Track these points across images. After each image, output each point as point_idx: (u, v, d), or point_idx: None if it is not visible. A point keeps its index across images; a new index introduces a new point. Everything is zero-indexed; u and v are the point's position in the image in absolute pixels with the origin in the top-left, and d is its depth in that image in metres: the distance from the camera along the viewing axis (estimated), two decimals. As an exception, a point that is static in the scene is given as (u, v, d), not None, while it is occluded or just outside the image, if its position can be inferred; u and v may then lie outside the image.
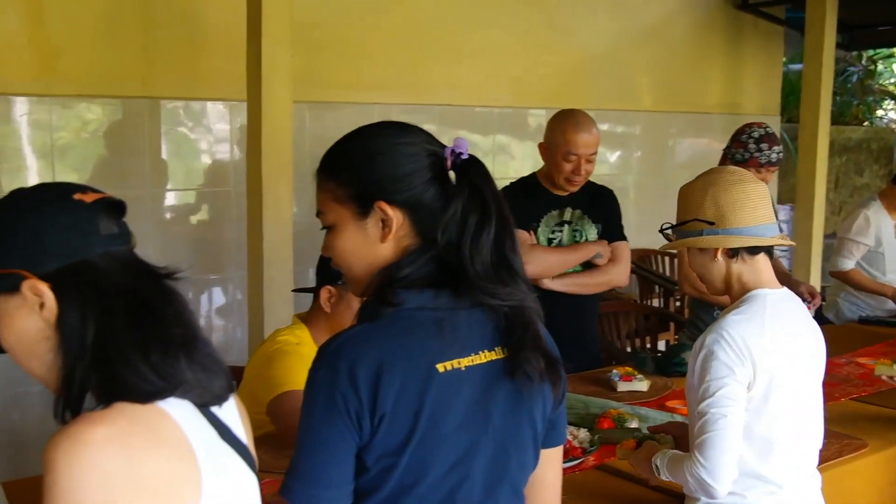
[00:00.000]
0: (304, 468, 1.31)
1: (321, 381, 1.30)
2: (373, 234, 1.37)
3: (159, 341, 1.16)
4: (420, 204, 1.36)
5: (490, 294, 1.34)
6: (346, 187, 1.37)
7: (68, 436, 1.06)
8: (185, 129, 4.11)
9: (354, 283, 1.42)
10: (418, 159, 1.36)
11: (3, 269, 1.16)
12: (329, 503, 1.31)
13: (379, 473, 1.31)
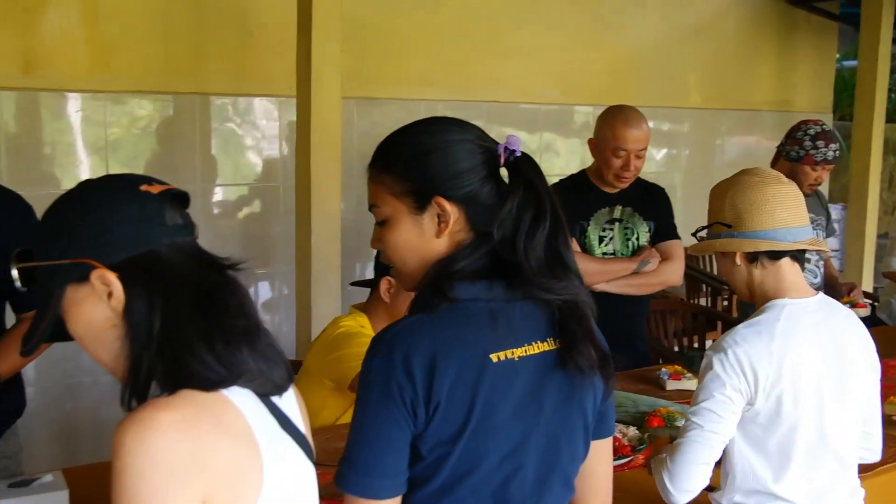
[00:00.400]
0: (359, 456, 1.32)
1: (376, 370, 1.31)
2: (428, 229, 1.38)
3: (223, 331, 1.17)
4: (476, 200, 1.37)
5: (544, 288, 1.35)
6: (405, 182, 1.37)
7: (137, 420, 1.08)
8: (234, 124, 4.16)
9: (406, 277, 1.43)
10: (475, 156, 1.38)
11: (73, 259, 1.18)
12: (383, 491, 1.32)
13: (433, 462, 1.32)
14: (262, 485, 1.15)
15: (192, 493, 1.08)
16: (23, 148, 3.65)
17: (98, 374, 3.94)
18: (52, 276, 1.20)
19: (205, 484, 1.09)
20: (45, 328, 1.22)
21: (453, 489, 1.33)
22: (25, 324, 2.17)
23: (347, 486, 1.32)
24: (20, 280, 1.25)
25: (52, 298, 1.20)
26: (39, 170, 3.68)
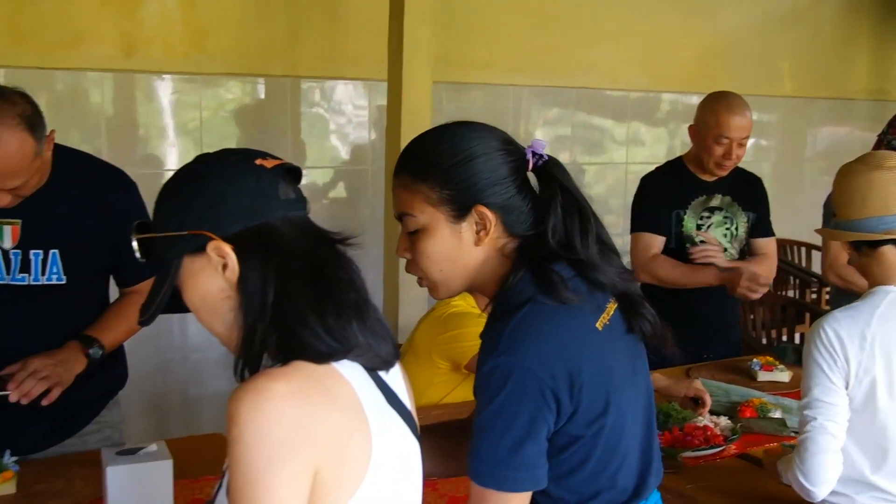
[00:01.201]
0: (495, 452, 1.30)
1: (506, 367, 1.29)
2: (467, 238, 1.37)
3: (334, 304, 1.18)
4: (513, 206, 1.37)
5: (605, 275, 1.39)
6: (445, 190, 1.35)
7: (252, 389, 1.10)
8: (324, 107, 4.21)
9: (442, 286, 1.42)
10: (509, 163, 1.38)
11: (190, 231, 1.20)
12: (522, 483, 1.31)
13: (591, 438, 1.34)
14: (371, 457, 1.16)
15: (304, 461, 1.09)
16: (121, 128, 3.76)
17: (187, 352, 4.05)
18: (170, 248, 1.22)
19: (316, 453, 1.11)
20: (162, 298, 1.24)
21: (608, 464, 1.37)
22: (128, 297, 2.24)
23: (485, 480, 1.31)
24: (139, 251, 1.28)
25: (169, 269, 1.23)
26: (136, 150, 3.78)
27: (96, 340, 2.11)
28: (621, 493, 1.41)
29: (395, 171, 1.42)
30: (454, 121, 1.44)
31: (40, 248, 2.04)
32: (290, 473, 1.08)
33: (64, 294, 2.09)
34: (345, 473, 1.14)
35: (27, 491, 1.94)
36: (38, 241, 2.04)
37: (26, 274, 2.05)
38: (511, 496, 1.32)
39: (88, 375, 2.12)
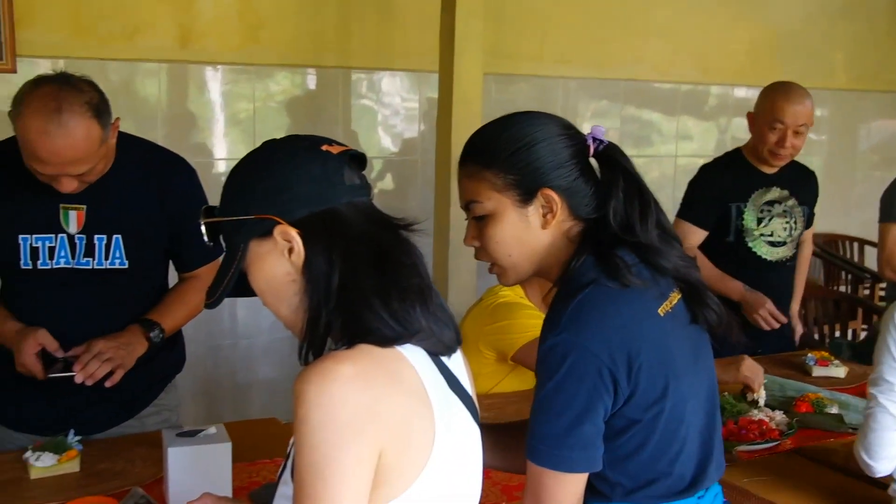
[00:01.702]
0: (553, 431, 1.33)
1: (566, 345, 1.32)
2: (534, 221, 1.40)
3: (398, 289, 1.19)
4: (577, 189, 1.40)
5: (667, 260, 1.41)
6: (510, 175, 1.39)
7: (319, 371, 1.12)
8: (375, 98, 4.23)
9: (511, 271, 1.45)
10: (570, 147, 1.41)
11: (258, 215, 1.22)
12: (578, 464, 1.33)
13: (649, 422, 1.35)
14: (434, 441, 1.17)
15: (369, 443, 1.11)
16: (175, 118, 3.81)
17: (236, 339, 4.10)
18: (237, 231, 1.24)
19: (381, 436, 1.12)
20: (228, 282, 1.26)
21: (667, 448, 1.37)
22: (188, 283, 2.28)
23: (542, 459, 1.34)
24: (206, 235, 1.30)
25: (236, 253, 1.25)
26: (190, 139, 3.83)
27: (157, 324, 2.15)
28: (679, 482, 1.41)
29: (460, 162, 1.45)
30: (513, 112, 1.47)
31: (104, 233, 2.08)
32: (355, 454, 1.10)
33: (126, 278, 2.13)
34: (409, 456, 1.15)
35: (90, 470, 1.98)
36: (102, 226, 2.08)
37: (90, 258, 2.09)
38: (567, 476, 1.34)
39: (149, 358, 2.16)
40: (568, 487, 1.34)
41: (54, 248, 2.06)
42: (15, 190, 2.06)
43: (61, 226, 2.06)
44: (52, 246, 2.06)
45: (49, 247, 2.06)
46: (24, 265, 2.06)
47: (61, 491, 1.87)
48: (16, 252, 2.05)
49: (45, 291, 2.10)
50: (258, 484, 1.92)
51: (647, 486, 1.39)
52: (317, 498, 1.09)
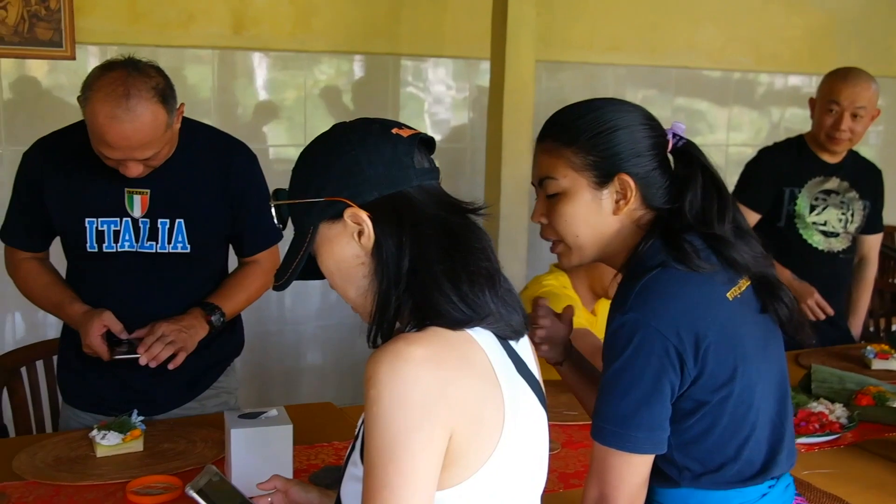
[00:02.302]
0: (619, 411, 1.33)
1: (633, 324, 1.32)
2: (606, 205, 1.42)
3: (467, 273, 1.19)
4: (653, 179, 1.42)
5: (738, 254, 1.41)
6: (590, 156, 1.40)
7: (391, 352, 1.12)
8: (424, 85, 4.23)
9: (576, 252, 1.46)
10: (651, 138, 1.43)
11: (328, 198, 1.23)
12: (643, 445, 1.33)
13: (716, 405, 1.35)
14: (504, 424, 1.17)
15: (441, 424, 1.11)
16: (228, 104, 3.85)
17: (285, 325, 4.14)
18: (308, 214, 1.25)
19: (452, 417, 1.12)
20: (297, 265, 1.27)
21: (737, 431, 1.37)
22: (248, 268, 2.30)
23: (607, 439, 1.34)
24: (276, 218, 1.31)
25: (306, 236, 1.26)
26: (242, 125, 3.86)
27: (218, 308, 2.17)
28: (748, 467, 1.40)
29: (539, 137, 1.47)
30: (603, 97, 1.49)
31: (167, 217, 2.11)
32: (426, 435, 1.10)
33: (188, 262, 2.16)
34: (479, 439, 1.15)
35: (153, 449, 2.01)
36: (166, 210, 2.11)
37: (154, 242, 2.12)
38: (632, 457, 1.34)
39: (210, 342, 2.19)
40: (633, 469, 1.34)
41: (119, 231, 2.10)
42: (82, 174, 2.10)
43: (126, 210, 2.10)
44: (116, 229, 2.10)
45: (114, 230, 2.10)
46: (90, 248, 2.10)
47: (126, 469, 1.90)
48: (82, 235, 2.09)
49: (109, 274, 2.13)
50: (317, 467, 1.94)
51: (715, 471, 1.38)
52: (387, 479, 1.09)
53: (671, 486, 1.40)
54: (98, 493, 1.80)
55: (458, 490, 1.15)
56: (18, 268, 2.25)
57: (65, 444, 2.04)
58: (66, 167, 2.11)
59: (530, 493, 1.26)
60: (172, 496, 1.78)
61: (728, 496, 1.39)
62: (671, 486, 1.41)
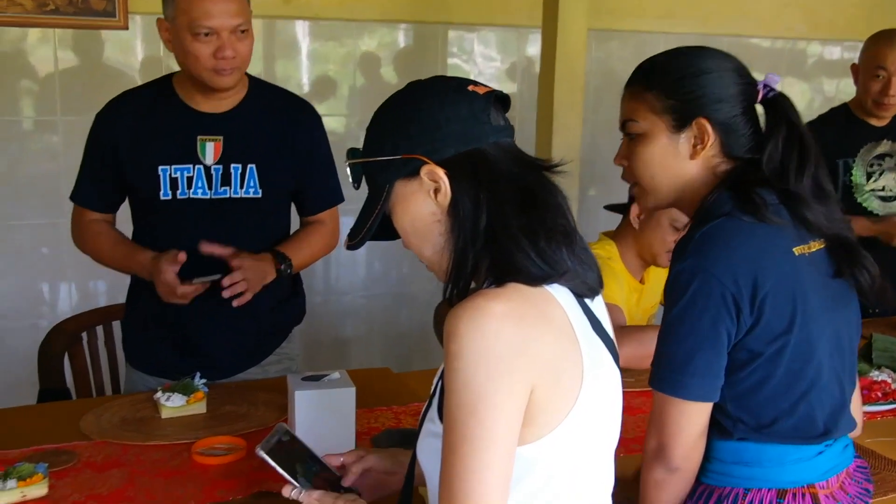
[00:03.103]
0: (675, 357, 1.35)
1: (691, 270, 1.33)
2: (683, 150, 1.42)
3: (545, 230, 1.19)
4: (734, 128, 1.41)
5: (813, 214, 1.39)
6: (669, 99, 1.41)
7: (472, 307, 1.12)
8: (474, 54, 4.20)
9: (651, 195, 1.48)
10: (738, 85, 1.42)
11: (405, 155, 1.22)
12: (696, 392, 1.34)
13: (771, 357, 1.34)
14: (582, 381, 1.17)
15: (521, 381, 1.11)
16: (277, 72, 3.84)
17: (329, 295, 4.16)
18: (384, 172, 1.25)
19: (533, 373, 1.12)
20: (372, 223, 1.27)
21: (792, 386, 1.36)
22: (311, 226, 2.35)
23: (663, 385, 1.36)
24: (351, 177, 1.31)
25: (381, 194, 1.25)
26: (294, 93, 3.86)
27: (287, 258, 2.21)
28: (805, 424, 1.39)
29: (627, 82, 1.49)
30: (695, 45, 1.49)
31: (239, 162, 2.16)
32: (507, 389, 1.10)
33: (258, 208, 2.19)
34: (558, 395, 1.16)
35: (216, 412, 2.04)
36: (238, 156, 2.16)
37: (227, 187, 2.16)
38: (688, 405, 1.35)
39: (274, 307, 2.22)
40: (690, 418, 1.35)
41: (192, 178, 2.14)
42: (154, 125, 2.15)
43: (198, 157, 2.14)
44: (189, 176, 2.14)
45: (187, 177, 2.14)
46: (163, 196, 2.14)
47: (190, 430, 1.93)
48: (156, 183, 2.13)
49: (183, 221, 2.17)
50: (378, 430, 1.95)
51: (769, 425, 1.38)
52: (469, 434, 1.10)
53: (725, 437, 1.41)
54: (164, 453, 1.83)
55: (537, 446, 1.15)
56: (87, 228, 2.29)
57: (130, 406, 2.07)
58: (139, 120, 2.16)
59: (605, 450, 1.26)
60: (237, 457, 1.80)
61: (782, 451, 1.39)
62: (725, 438, 1.41)
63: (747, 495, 1.38)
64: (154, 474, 1.73)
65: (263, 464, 1.74)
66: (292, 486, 1.39)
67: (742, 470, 1.40)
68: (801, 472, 1.39)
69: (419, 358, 4.01)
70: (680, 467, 1.38)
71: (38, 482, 1.62)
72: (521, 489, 1.16)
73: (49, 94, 3.52)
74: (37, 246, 3.62)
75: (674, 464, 1.37)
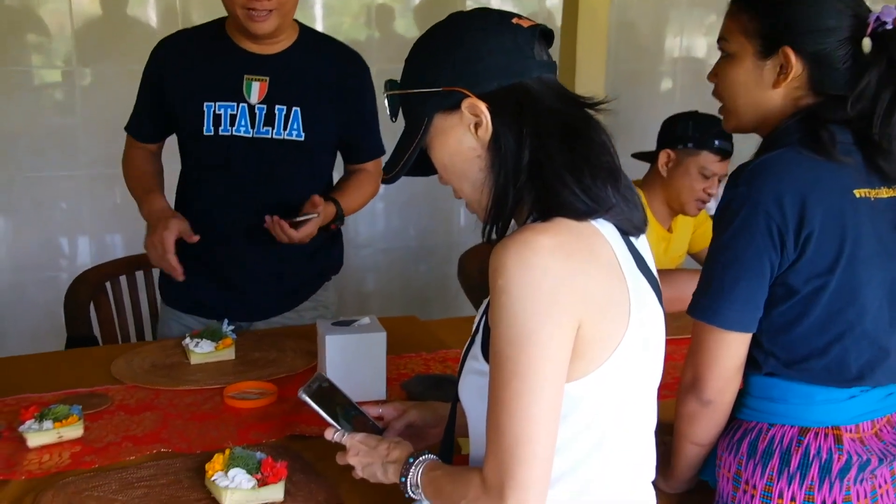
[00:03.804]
0: (716, 284, 1.33)
1: (741, 197, 1.31)
2: (767, 77, 1.38)
3: (589, 166, 1.16)
4: (826, 61, 1.35)
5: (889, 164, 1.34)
6: (759, 23, 1.37)
7: (519, 241, 1.10)
8: (494, 4, 4.15)
9: (730, 117, 1.46)
10: (842, 17, 1.35)
11: (445, 87, 1.19)
12: (735, 322, 1.33)
13: (808, 295, 1.32)
14: (629, 318, 1.16)
15: (569, 314, 1.09)
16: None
17: (349, 249, 4.14)
18: (423, 105, 1.21)
19: (580, 308, 1.10)
20: (409, 157, 1.23)
21: (827, 326, 1.33)
22: (355, 174, 2.34)
23: (702, 313, 1.35)
24: (389, 110, 1.27)
25: (419, 127, 1.22)
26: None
27: (338, 202, 2.22)
28: (837, 366, 1.35)
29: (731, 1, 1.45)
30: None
31: (284, 104, 2.14)
32: (556, 324, 1.08)
33: (300, 152, 2.17)
34: (605, 331, 1.14)
35: (244, 358, 2.04)
36: (283, 97, 2.14)
37: (270, 127, 2.14)
38: (726, 335, 1.34)
39: (314, 252, 2.22)
40: (727, 350, 1.34)
41: (235, 116, 2.12)
42: (203, 63, 2.15)
43: (244, 95, 2.13)
44: (233, 114, 2.12)
45: (231, 114, 2.12)
46: (206, 131, 2.13)
47: (220, 375, 1.94)
48: (200, 118, 2.12)
49: (224, 158, 2.15)
50: (407, 376, 1.95)
51: (800, 362, 1.36)
52: (517, 370, 1.08)
53: (755, 371, 1.39)
54: (196, 398, 1.83)
55: (583, 383, 1.14)
56: (127, 154, 2.32)
57: (159, 352, 2.08)
58: (188, 57, 2.17)
59: (649, 388, 1.25)
60: (269, 401, 1.81)
61: (809, 390, 1.37)
62: (755, 372, 1.39)
63: (770, 430, 1.37)
64: (187, 417, 1.74)
65: (296, 408, 1.76)
66: (335, 430, 1.39)
67: (768, 405, 1.39)
68: (826, 414, 1.37)
69: (439, 311, 4.01)
70: (713, 400, 1.37)
71: (74, 423, 1.62)
72: (567, 426, 1.15)
73: (65, 45, 3.50)
74: (55, 199, 3.61)
75: (707, 396, 1.37)
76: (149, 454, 1.58)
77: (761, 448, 1.37)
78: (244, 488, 1.39)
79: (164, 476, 1.50)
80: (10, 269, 3.57)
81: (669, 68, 4.34)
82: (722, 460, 1.42)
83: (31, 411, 1.62)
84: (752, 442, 1.38)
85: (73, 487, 1.45)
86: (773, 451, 1.36)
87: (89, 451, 1.59)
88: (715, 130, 2.47)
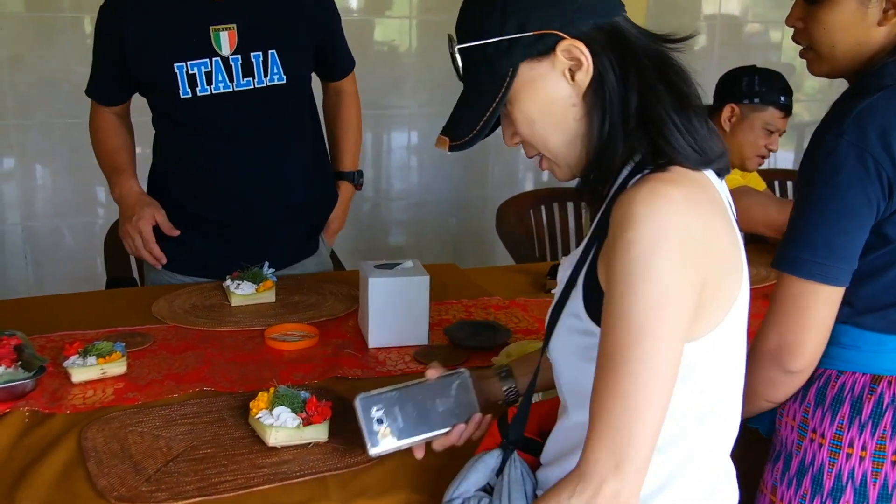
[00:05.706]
0: (810, 235, 1.25)
1: (847, 145, 1.22)
2: (873, 14, 1.29)
3: (692, 107, 1.08)
4: None
5: None
6: None
7: (649, 192, 1.00)
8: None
9: (827, 61, 1.35)
10: None
11: (538, 31, 1.07)
12: (836, 277, 1.25)
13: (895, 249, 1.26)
14: (742, 274, 1.09)
15: (699, 269, 1.01)
16: None
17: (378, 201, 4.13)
18: (506, 54, 1.08)
19: (708, 263, 1.02)
20: (490, 116, 1.11)
21: None
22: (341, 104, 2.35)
23: (794, 266, 1.25)
24: (461, 65, 1.13)
25: (502, 80, 1.09)
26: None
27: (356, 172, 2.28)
28: None
29: None
30: None
31: (259, 49, 2.03)
32: (687, 279, 1.00)
33: (285, 94, 2.08)
34: (726, 289, 1.07)
35: (284, 301, 2.03)
36: (256, 43, 2.03)
37: (250, 78, 2.04)
38: (823, 288, 1.25)
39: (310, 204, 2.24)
40: (827, 307, 1.26)
41: (211, 73, 2.01)
42: (163, 19, 2.01)
43: (214, 48, 2.01)
44: (208, 71, 2.01)
45: (205, 72, 2.01)
46: (183, 94, 2.02)
47: (261, 317, 1.93)
48: (174, 82, 2.01)
49: (207, 122, 2.06)
50: (449, 322, 1.93)
51: (877, 311, 1.30)
52: (646, 329, 0.98)
53: None
54: (237, 338, 1.82)
55: (700, 343, 1.06)
56: (92, 120, 2.22)
57: (199, 294, 2.07)
58: (146, 13, 2.02)
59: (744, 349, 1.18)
60: (310, 343, 1.79)
61: (881, 338, 1.30)
62: None
63: (840, 378, 1.32)
64: (229, 357, 1.73)
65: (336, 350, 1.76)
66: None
67: (838, 351, 1.32)
68: None
69: (474, 263, 3.98)
70: (803, 370, 1.30)
71: (118, 360, 1.62)
72: (681, 392, 1.06)
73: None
74: (92, 146, 3.61)
75: (796, 366, 1.28)
76: (191, 392, 1.58)
77: (830, 395, 1.32)
78: (289, 426, 1.38)
79: (207, 414, 1.49)
80: (49, 214, 3.58)
81: (706, 24, 4.25)
82: (785, 408, 1.37)
83: (76, 347, 1.62)
84: (819, 389, 1.33)
85: (117, 422, 1.45)
86: (843, 399, 1.30)
87: (132, 387, 1.59)
88: (780, 86, 2.42)
